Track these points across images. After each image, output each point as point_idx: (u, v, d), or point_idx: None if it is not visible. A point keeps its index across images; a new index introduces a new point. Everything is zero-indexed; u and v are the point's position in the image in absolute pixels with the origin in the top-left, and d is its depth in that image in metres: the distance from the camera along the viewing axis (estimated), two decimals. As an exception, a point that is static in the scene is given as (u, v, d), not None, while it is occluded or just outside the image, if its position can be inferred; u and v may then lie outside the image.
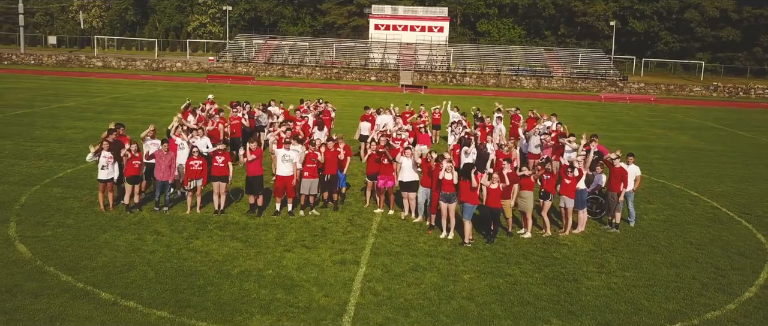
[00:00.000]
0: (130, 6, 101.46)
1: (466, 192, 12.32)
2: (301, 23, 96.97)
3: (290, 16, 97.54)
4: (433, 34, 70.63)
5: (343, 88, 53.17)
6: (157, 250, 11.23)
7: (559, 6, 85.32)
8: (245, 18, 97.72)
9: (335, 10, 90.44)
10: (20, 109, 28.98)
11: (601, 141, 27.43)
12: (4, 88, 39.76)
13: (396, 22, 70.56)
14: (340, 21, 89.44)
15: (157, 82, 48.91)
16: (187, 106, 19.69)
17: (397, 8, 72.34)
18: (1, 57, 61.29)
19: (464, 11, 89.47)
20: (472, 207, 12.31)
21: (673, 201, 16.71)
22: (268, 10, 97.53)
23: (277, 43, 69.35)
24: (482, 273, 10.89)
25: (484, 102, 43.90)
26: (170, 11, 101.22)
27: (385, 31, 70.43)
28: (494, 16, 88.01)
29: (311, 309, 9.21)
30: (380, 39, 69.59)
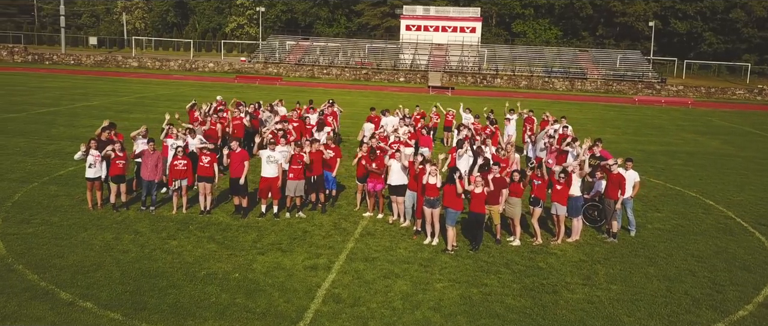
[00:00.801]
0: (170, 7, 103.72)
1: (450, 197, 11.89)
2: (336, 24, 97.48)
3: (326, 17, 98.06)
4: (465, 34, 69.81)
5: (370, 89, 52.98)
6: (130, 250, 11.18)
7: (598, 6, 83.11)
8: (282, 19, 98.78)
9: (369, 11, 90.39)
10: (45, 108, 29.77)
11: (624, 145, 26.74)
12: (38, 87, 41.01)
13: (427, 23, 70.03)
14: (373, 22, 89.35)
15: (185, 82, 49.70)
16: (193, 106, 19.77)
17: (429, 8, 71.79)
18: (43, 57, 63.41)
19: (499, 12, 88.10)
20: (455, 213, 11.86)
21: (683, 210, 15.85)
22: (303, 11, 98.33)
23: (309, 44, 69.70)
24: (457, 282, 10.45)
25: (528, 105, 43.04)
26: (209, 13, 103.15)
27: (416, 31, 69.97)
28: (530, 17, 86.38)
29: (267, 315, 8.97)
30: (411, 40, 69.19)
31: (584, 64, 65.93)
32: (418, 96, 46.87)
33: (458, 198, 11.86)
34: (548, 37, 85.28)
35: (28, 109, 29.07)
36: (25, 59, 63.05)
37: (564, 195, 12.60)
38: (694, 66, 76.44)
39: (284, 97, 28.76)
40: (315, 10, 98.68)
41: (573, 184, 12.79)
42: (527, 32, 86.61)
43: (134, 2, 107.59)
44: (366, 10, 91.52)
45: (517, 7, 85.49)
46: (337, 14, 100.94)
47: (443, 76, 61.01)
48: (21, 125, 24.39)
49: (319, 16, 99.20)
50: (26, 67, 59.55)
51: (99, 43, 78.27)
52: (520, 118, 22.81)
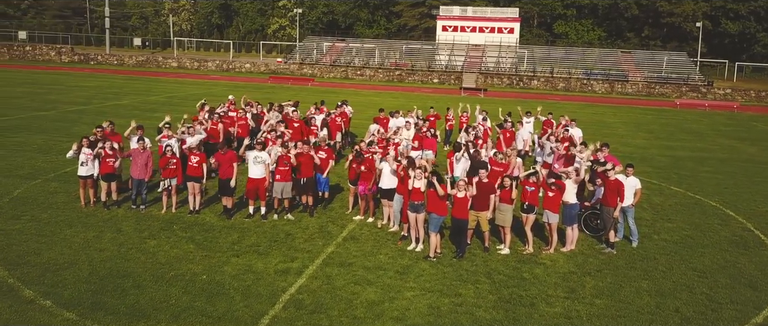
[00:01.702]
0: (215, 9, 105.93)
1: (433, 202, 11.47)
2: (376, 26, 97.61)
3: (365, 18, 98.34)
4: (503, 35, 68.58)
5: (401, 90, 52.60)
6: (106, 249, 11.19)
7: (643, 6, 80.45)
8: (324, 21, 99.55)
9: (408, 12, 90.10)
10: (75, 106, 30.61)
11: (652, 150, 25.58)
12: (75, 85, 42.32)
13: (464, 24, 69.12)
14: (411, 23, 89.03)
15: (219, 83, 50.44)
16: (203, 106, 19.87)
17: (466, 9, 70.84)
18: (89, 57, 65.56)
19: (540, 12, 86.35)
20: (438, 218, 11.43)
21: (698, 221, 14.91)
22: (344, 12, 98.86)
23: (344, 45, 69.82)
24: (429, 291, 10.02)
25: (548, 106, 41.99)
26: (252, 14, 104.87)
27: (452, 32, 69.15)
28: (572, 18, 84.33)
29: (223, 319, 8.77)
30: (447, 40, 68.42)
31: (626, 66, 63.80)
32: (449, 97, 46.26)
33: (441, 203, 11.42)
34: (591, 38, 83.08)
35: (58, 107, 29.96)
36: (71, 59, 65.35)
37: (556, 203, 11.99)
38: (747, 69, 72.99)
39: (313, 97, 28.87)
40: (355, 12, 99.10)
41: (567, 191, 12.16)
42: (569, 33, 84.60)
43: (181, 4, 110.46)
44: (405, 11, 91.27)
45: (558, 7, 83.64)
46: (376, 15, 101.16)
47: (478, 78, 60.08)
48: (47, 123, 25.10)
49: (359, 18, 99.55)
50: (72, 66, 61.69)
51: (143, 44, 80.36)
52: (537, 121, 22.05)
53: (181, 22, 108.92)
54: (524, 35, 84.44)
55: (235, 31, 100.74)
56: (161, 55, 69.40)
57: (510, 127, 19.80)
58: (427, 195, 11.60)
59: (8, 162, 17.71)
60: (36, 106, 30.34)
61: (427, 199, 11.54)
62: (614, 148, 25.62)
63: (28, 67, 58.30)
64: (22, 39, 71.20)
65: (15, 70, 54.51)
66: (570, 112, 39.97)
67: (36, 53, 65.77)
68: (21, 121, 25.41)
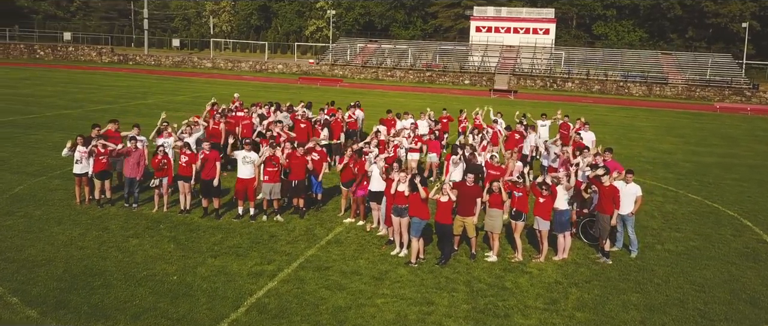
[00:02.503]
0: (254, 11, 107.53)
1: (415, 206, 11.13)
2: (412, 27, 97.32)
3: (402, 19, 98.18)
4: (538, 36, 67.28)
5: (430, 91, 52.13)
6: (87, 247, 11.25)
7: (687, 6, 77.70)
8: (360, 22, 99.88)
9: (443, 12, 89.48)
10: (101, 105, 31.33)
11: (678, 155, 24.52)
12: (107, 85, 43.43)
13: (498, 24, 68.12)
14: (446, 24, 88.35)
15: (249, 83, 51.00)
16: (213, 105, 19.99)
17: (501, 9, 69.81)
18: (127, 57, 67.35)
19: (579, 13, 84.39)
20: (420, 222, 11.09)
21: (708, 231, 14.10)
22: (380, 14, 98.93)
23: (376, 46, 69.73)
24: (402, 298, 9.69)
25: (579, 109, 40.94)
26: (290, 16, 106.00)
27: (486, 33, 68.26)
28: (612, 18, 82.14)
29: (182, 321, 8.65)
30: (481, 41, 67.58)
31: (666, 68, 61.69)
32: (478, 99, 45.60)
33: (423, 207, 11.08)
34: (632, 39, 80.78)
35: (85, 106, 30.72)
36: (111, 59, 67.26)
37: (546, 209, 11.48)
38: (798, 71, 69.67)
39: (339, 98, 28.81)
40: (391, 13, 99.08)
41: (558, 197, 11.63)
42: (609, 34, 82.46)
43: (221, 6, 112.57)
44: (440, 11, 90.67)
45: (598, 8, 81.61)
46: (412, 16, 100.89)
47: (511, 79, 59.07)
48: (68, 121, 25.71)
49: (396, 19, 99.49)
50: (111, 66, 63.47)
51: (181, 44, 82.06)
52: (554, 123, 21.37)
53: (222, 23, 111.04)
54: (562, 36, 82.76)
55: (273, 32, 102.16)
56: (197, 55, 70.72)
57: (522, 129, 19.27)
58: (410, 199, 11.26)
59: (21, 158, 18.15)
60: (63, 104, 31.22)
61: (409, 203, 11.20)
62: (637, 152, 24.81)
63: (69, 67, 60.23)
64: (66, 40, 73.65)
65: (56, 69, 56.38)
66: (601, 115, 38.92)
67: (78, 54, 67.94)
68: (46, 119, 26.13)
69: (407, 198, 11.28)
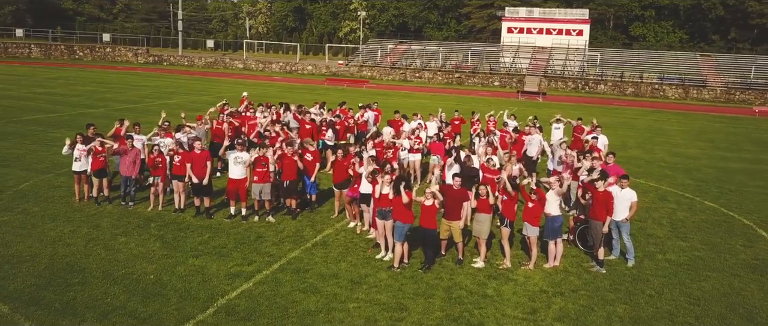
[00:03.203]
0: (290, 13, 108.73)
1: (398, 209, 10.90)
2: (446, 28, 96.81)
3: (435, 21, 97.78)
4: (571, 37, 65.93)
5: (457, 93, 51.60)
6: (74, 244, 11.39)
7: (730, 7, 75.03)
8: (394, 23, 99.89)
9: (476, 13, 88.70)
10: (125, 105, 31.98)
11: (703, 160, 23.59)
12: (137, 85, 44.40)
13: (530, 25, 67.06)
14: (479, 24, 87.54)
15: (276, 84, 51.43)
16: (224, 105, 20.15)
17: (533, 10, 68.69)
18: (162, 58, 68.85)
19: (616, 13, 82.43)
20: (403, 226, 10.85)
21: (718, 240, 13.43)
22: (413, 15, 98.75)
23: (406, 47, 69.49)
24: (375, 304, 9.48)
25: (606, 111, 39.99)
26: (325, 17, 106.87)
27: (518, 34, 67.27)
28: (651, 19, 80.00)
29: (149, 321, 8.63)
30: (512, 42, 66.63)
31: (705, 71, 59.64)
32: (505, 101, 44.96)
33: (406, 210, 10.83)
34: (671, 40, 78.52)
35: (109, 105, 31.42)
36: (146, 60, 68.84)
37: (535, 215, 11.09)
38: None
39: (363, 99, 28.77)
40: (424, 14, 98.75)
41: (549, 202, 11.24)
42: (647, 35, 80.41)
43: (257, 7, 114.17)
44: (473, 12, 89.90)
45: (635, 8, 79.61)
46: (446, 18, 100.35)
47: (541, 81, 58.04)
48: (90, 119, 26.22)
49: (429, 20, 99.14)
50: (146, 67, 64.95)
51: (215, 46, 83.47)
52: (568, 126, 20.82)
53: (258, 25, 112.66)
54: (598, 37, 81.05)
55: (308, 33, 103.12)
56: (229, 56, 71.79)
57: (536, 131, 18.81)
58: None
59: (34, 156, 18.60)
60: (89, 103, 32.02)
61: (393, 206, 10.98)
62: (659, 157, 23.96)
63: (106, 67, 61.88)
64: (105, 41, 75.74)
65: (91, 69, 57.97)
66: (629, 118, 37.85)
67: (115, 54, 69.80)
68: (68, 117, 26.80)
69: (391, 201, 11.06)
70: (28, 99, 32.59)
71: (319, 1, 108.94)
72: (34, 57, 68.60)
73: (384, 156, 15.57)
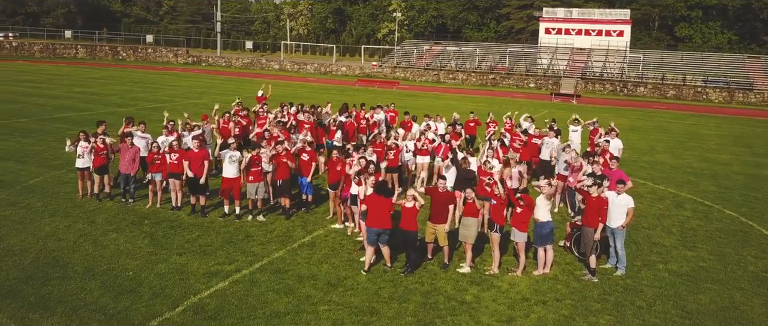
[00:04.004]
0: (329, 14, 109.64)
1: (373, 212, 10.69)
2: (485, 29, 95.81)
3: (475, 21, 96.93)
4: (612, 38, 64.14)
5: (490, 94, 50.86)
6: (65, 239, 11.61)
7: (784, 6, 71.78)
8: (433, 24, 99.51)
9: (515, 14, 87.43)
10: (155, 103, 32.69)
11: (734, 167, 22.54)
12: (170, 84, 45.42)
13: (569, 26, 65.55)
14: (518, 25, 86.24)
15: (306, 85, 51.79)
16: (239, 104, 20.35)
17: (571, 11, 67.10)
18: (200, 59, 70.32)
19: (661, 14, 79.87)
20: (373, 229, 10.60)
21: (728, 251, 12.73)
22: (452, 16, 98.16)
23: (441, 48, 68.96)
24: (346, 307, 9.31)
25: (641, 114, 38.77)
26: (364, 19, 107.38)
27: (556, 35, 65.88)
28: (697, 20, 77.18)
29: (116, 317, 8.70)
30: (550, 43, 65.31)
31: (753, 73, 57.11)
32: (538, 103, 44.09)
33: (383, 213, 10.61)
34: (719, 41, 75.56)
35: (139, 104, 32.19)
36: (185, 60, 70.41)
37: (523, 220, 10.71)
38: None
39: (390, 100, 28.69)
40: (464, 15, 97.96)
41: (539, 207, 10.83)
42: (694, 36, 77.64)
43: (298, 9, 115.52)
44: (512, 13, 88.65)
45: (681, 8, 76.96)
46: (486, 18, 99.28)
47: (578, 83, 56.66)
48: (116, 118, 26.91)
49: (468, 21, 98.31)
50: (185, 67, 66.43)
51: (254, 47, 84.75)
52: (584, 129, 20.16)
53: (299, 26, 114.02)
54: (641, 39, 78.72)
55: (347, 35, 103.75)
56: (266, 57, 72.75)
57: (553, 134, 18.34)
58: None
59: (52, 152, 19.15)
60: (120, 102, 32.89)
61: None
62: (687, 162, 22.98)
63: (146, 67, 63.59)
64: (148, 42, 77.88)
65: (131, 69, 59.63)
66: (665, 122, 36.53)
67: (156, 55, 71.67)
68: (97, 116, 27.44)
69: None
70: (63, 97, 33.72)
71: (359, 2, 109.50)
72: (80, 57, 71.08)
73: (384, 157, 15.50)
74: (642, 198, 16.85)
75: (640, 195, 17.16)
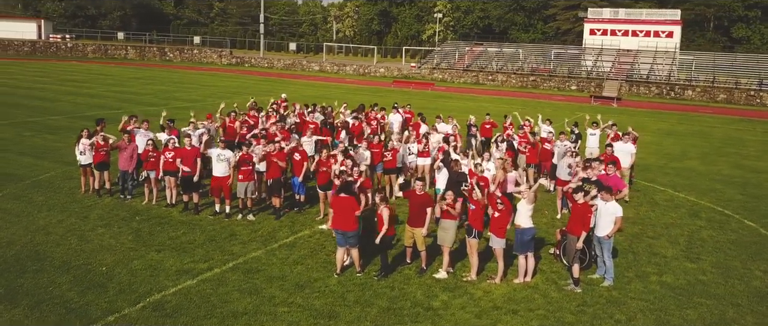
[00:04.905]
0: (375, 16, 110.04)
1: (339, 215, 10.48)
2: (532, 30, 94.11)
3: (521, 22, 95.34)
4: (660, 39, 61.78)
5: (527, 96, 49.77)
6: (54, 233, 11.91)
7: None
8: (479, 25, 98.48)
9: (561, 15, 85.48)
10: (186, 103, 33.39)
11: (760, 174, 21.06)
12: (206, 84, 46.38)
13: (615, 27, 63.53)
14: (565, 26, 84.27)
15: (341, 86, 51.95)
16: (253, 104, 20.53)
17: (618, 11, 65.00)
18: (244, 60, 71.64)
19: (716, 14, 76.49)
20: (342, 233, 10.38)
21: (735, 264, 11.92)
22: (498, 17, 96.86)
23: (482, 49, 67.99)
24: (307, 309, 9.15)
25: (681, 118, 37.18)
26: (409, 20, 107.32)
27: (601, 36, 63.96)
28: (756, 20, 73.53)
29: (76, 311, 8.82)
30: (595, 45, 63.45)
31: (813, 76, 53.90)
32: (576, 106, 42.86)
33: (350, 217, 10.37)
34: (780, 42, 71.80)
35: (170, 103, 32.91)
36: (229, 61, 71.88)
37: (501, 225, 10.31)
38: None
39: (424, 102, 28.40)
40: (510, 16, 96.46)
41: (519, 213, 10.41)
42: (752, 38, 74.03)
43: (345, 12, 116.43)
44: (559, 13, 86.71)
45: (738, 8, 73.48)
46: (533, 19, 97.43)
47: (622, 86, 54.80)
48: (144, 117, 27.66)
49: (515, 22, 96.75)
50: (228, 68, 67.85)
51: (297, 48, 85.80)
52: (603, 133, 19.38)
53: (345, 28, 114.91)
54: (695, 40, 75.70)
55: (392, 36, 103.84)
56: (306, 59, 73.50)
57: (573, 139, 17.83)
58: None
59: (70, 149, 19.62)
60: (152, 101, 33.79)
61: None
62: (717, 169, 21.81)
63: (191, 68, 65.24)
64: (196, 43, 79.95)
65: (175, 70, 61.25)
66: (706, 126, 34.89)
67: (201, 56, 73.46)
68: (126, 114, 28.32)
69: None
70: (100, 97, 34.93)
71: (405, 4, 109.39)
72: (130, 58, 73.62)
73: (382, 158, 15.29)
74: (656, 205, 16.04)
75: (655, 202, 16.35)
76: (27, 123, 24.85)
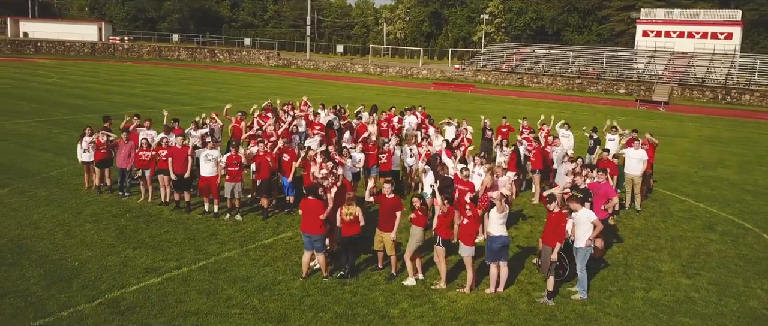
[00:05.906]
0: (426, 18, 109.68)
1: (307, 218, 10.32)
2: (587, 31, 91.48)
3: (575, 24, 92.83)
4: (718, 41, 58.77)
5: (569, 100, 48.26)
6: (43, 227, 12.26)
7: None
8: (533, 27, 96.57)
9: (615, 16, 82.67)
10: (218, 103, 34.03)
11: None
12: (245, 85, 47.23)
13: (669, 28, 60.88)
14: (619, 27, 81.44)
15: (378, 87, 51.87)
16: (268, 106, 20.72)
17: (672, 12, 62.23)
18: (290, 62, 72.69)
19: (783, 14, 72.18)
20: (308, 236, 10.21)
21: (737, 282, 11.06)
22: (552, 18, 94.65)
23: (529, 51, 66.50)
24: (259, 312, 9.05)
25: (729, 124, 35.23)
26: (460, 22, 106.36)
27: (655, 37, 61.41)
28: (828, 20, 68.95)
29: (35, 305, 9.01)
30: (648, 47, 60.98)
31: None
32: (618, 110, 41.28)
33: (316, 220, 10.19)
34: None
35: (202, 103, 33.68)
36: (276, 63, 73.10)
37: (469, 233, 9.91)
38: None
39: (458, 105, 28.13)
40: (563, 17, 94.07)
41: (491, 221, 9.99)
42: (822, 39, 69.37)
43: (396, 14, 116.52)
44: (613, 14, 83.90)
45: (808, 8, 69.07)
46: (587, 20, 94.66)
47: (673, 90, 52.42)
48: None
49: (568, 23, 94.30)
50: (275, 69, 69.01)
51: (344, 50, 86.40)
52: (621, 138, 18.49)
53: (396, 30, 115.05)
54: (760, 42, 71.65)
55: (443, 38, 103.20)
56: (351, 60, 73.89)
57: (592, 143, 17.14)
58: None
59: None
60: (187, 101, 34.65)
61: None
62: (752, 179, 20.56)
63: (238, 69, 66.74)
64: (247, 45, 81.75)
65: (221, 71, 62.76)
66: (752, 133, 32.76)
67: (250, 57, 75.03)
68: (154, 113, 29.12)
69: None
70: (138, 96, 36.10)
71: (456, 5, 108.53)
72: (182, 59, 76.00)
73: (377, 160, 15.08)
74: (669, 216, 15.15)
75: (669, 213, 15.45)
76: (61, 121, 25.90)
